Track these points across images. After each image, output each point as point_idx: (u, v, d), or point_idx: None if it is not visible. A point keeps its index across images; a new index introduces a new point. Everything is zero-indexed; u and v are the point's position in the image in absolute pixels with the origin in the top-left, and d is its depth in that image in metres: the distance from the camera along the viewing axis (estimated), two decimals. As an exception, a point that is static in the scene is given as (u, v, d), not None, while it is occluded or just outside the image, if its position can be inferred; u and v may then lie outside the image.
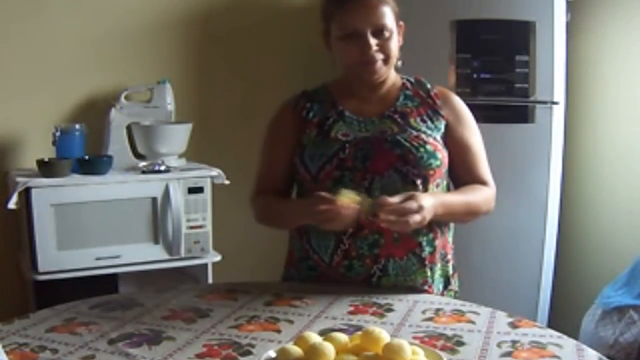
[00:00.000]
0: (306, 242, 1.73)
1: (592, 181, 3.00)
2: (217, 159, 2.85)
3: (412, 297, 1.62)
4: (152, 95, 2.88)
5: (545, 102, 2.72)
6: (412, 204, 1.49)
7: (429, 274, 1.68)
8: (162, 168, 2.70)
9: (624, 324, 2.13)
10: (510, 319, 1.46)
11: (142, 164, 2.75)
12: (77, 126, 2.70)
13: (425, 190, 1.64)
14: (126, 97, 2.83)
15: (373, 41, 1.63)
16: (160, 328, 1.43)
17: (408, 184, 1.63)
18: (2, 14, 2.71)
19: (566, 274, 2.97)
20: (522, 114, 2.76)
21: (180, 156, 2.88)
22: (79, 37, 2.84)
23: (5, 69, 2.73)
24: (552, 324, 2.73)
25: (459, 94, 2.67)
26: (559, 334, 1.38)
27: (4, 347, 1.28)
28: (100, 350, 1.31)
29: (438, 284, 1.73)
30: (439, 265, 1.72)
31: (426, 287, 1.69)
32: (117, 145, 2.78)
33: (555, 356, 1.27)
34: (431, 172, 1.65)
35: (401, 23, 1.71)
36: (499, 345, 1.32)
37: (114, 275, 2.62)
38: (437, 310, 1.53)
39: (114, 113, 2.80)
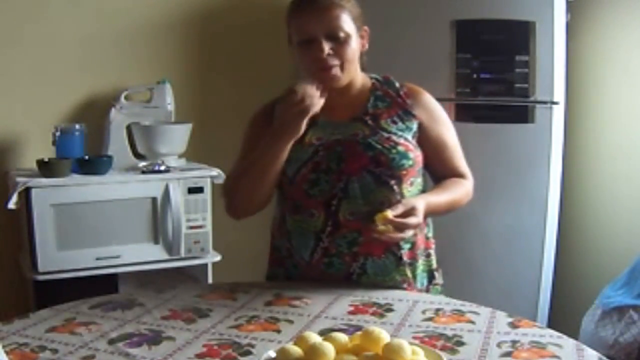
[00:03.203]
0: (287, 241, 1.75)
1: (592, 181, 3.00)
2: (217, 159, 2.85)
3: (412, 297, 1.62)
4: (152, 95, 2.88)
5: (545, 102, 2.72)
6: (413, 220, 1.55)
7: (407, 271, 1.71)
8: (162, 168, 2.70)
9: (624, 324, 2.13)
10: (510, 319, 1.46)
11: (142, 164, 2.75)
12: (77, 126, 2.70)
13: (400, 189, 1.68)
14: (126, 97, 2.83)
15: (327, 45, 1.63)
16: (160, 328, 1.43)
17: (381, 184, 1.67)
18: (3, 14, 2.71)
19: (566, 274, 2.97)
20: (522, 114, 2.76)
21: (180, 156, 2.88)
22: (79, 37, 2.84)
23: (5, 69, 2.73)
24: (552, 324, 2.73)
25: (459, 94, 2.66)
26: (559, 334, 1.38)
27: (4, 347, 1.28)
28: (100, 350, 1.31)
29: (422, 279, 1.77)
30: (420, 261, 1.75)
31: (405, 286, 1.71)
32: (117, 145, 2.78)
33: (555, 356, 1.27)
34: (404, 172, 1.68)
35: (366, 28, 1.72)
36: (499, 345, 1.32)
37: (114, 275, 2.62)
38: (437, 310, 1.53)
39: (114, 113, 2.80)
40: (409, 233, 1.57)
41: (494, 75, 2.77)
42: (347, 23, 1.65)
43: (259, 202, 1.72)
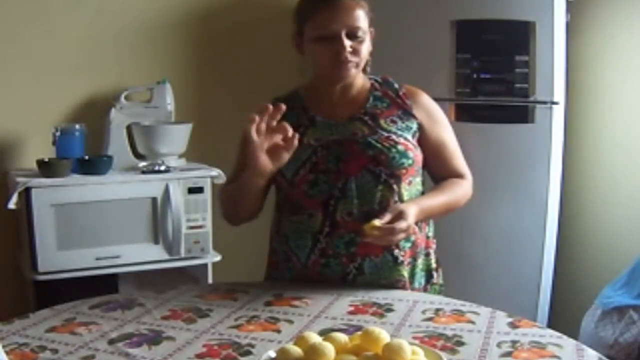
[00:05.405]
0: (285, 243, 1.75)
1: (592, 181, 3.00)
2: (217, 159, 2.85)
3: (412, 297, 1.62)
4: (152, 95, 2.88)
5: (545, 102, 2.72)
6: (402, 224, 1.54)
7: (403, 271, 1.70)
8: (162, 168, 2.70)
9: (623, 324, 2.13)
10: (510, 319, 1.46)
11: (142, 164, 2.75)
12: (77, 126, 2.70)
13: (399, 188, 1.68)
14: (126, 97, 2.83)
15: (347, 42, 1.64)
16: (160, 328, 1.43)
17: (381, 183, 1.67)
18: (3, 15, 2.71)
19: (566, 274, 2.97)
20: (522, 114, 2.76)
21: (180, 156, 2.88)
22: (79, 37, 2.84)
23: (5, 69, 2.73)
24: (552, 324, 2.73)
25: (459, 94, 2.66)
26: (559, 334, 1.38)
27: (4, 347, 1.28)
28: (100, 350, 1.31)
29: (420, 279, 1.77)
30: (419, 260, 1.75)
31: (401, 285, 1.71)
32: (117, 145, 2.78)
33: (555, 356, 1.27)
34: (403, 171, 1.69)
35: (372, 29, 1.72)
36: (498, 345, 1.32)
37: (114, 275, 2.62)
38: (437, 310, 1.53)
39: (114, 113, 2.80)
40: (400, 237, 1.56)
41: (494, 75, 2.77)
42: (364, 23, 1.67)
43: (247, 217, 1.77)
